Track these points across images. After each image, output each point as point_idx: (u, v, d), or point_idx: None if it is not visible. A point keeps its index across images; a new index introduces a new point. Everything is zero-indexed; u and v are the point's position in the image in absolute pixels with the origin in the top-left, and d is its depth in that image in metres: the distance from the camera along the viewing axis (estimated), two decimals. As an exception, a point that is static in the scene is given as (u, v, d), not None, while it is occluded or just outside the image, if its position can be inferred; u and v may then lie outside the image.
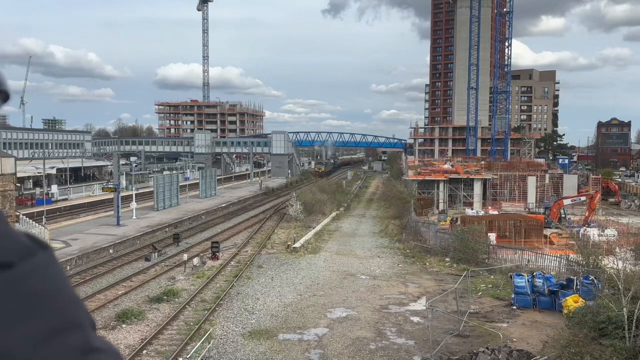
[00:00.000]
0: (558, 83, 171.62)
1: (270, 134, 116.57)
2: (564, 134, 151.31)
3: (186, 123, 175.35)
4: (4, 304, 0.52)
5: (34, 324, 0.53)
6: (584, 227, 44.81)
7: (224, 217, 53.75)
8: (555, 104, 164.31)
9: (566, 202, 53.54)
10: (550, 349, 17.96)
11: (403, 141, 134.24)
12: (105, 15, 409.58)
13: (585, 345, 16.36)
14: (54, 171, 75.09)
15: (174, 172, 79.44)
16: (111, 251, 35.69)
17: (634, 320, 16.27)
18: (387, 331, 22.33)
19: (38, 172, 65.22)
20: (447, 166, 77.87)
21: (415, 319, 23.90)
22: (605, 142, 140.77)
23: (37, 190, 59.88)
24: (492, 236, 38.11)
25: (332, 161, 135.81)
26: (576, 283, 24.54)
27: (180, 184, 61.52)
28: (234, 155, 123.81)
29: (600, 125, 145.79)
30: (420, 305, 25.72)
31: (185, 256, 33.46)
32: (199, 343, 20.07)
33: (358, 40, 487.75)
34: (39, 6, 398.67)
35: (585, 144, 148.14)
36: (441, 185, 63.40)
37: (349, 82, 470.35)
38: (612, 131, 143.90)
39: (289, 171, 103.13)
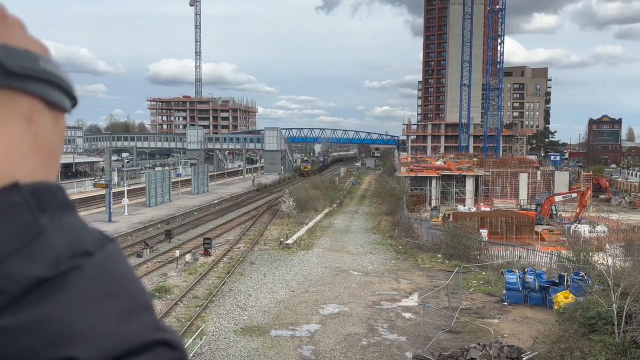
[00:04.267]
0: (550, 80, 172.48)
1: (263, 130, 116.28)
2: (555, 131, 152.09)
3: (178, 119, 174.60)
4: (92, 285, 0.58)
5: (115, 302, 0.59)
6: (575, 224, 45.10)
7: (217, 214, 53.61)
8: (547, 101, 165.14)
9: (557, 198, 53.90)
10: (541, 344, 18.09)
11: (396, 138, 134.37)
12: (97, 10, 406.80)
13: (575, 341, 16.48)
14: (45, 167, 74.41)
15: (166, 168, 79.16)
16: (103, 247, 35.49)
17: (623, 316, 16.40)
18: (379, 327, 22.40)
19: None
20: (439, 163, 78.11)
21: (407, 315, 23.98)
22: (597, 139, 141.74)
23: (28, 186, 59.35)
24: (484, 233, 38.32)
25: (321, 159, 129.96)
26: (567, 279, 24.72)
27: (173, 180, 61.27)
28: (227, 152, 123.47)
29: (591, 122, 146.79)
30: (412, 301, 25.80)
31: (177, 252, 33.37)
32: (191, 339, 20.04)
33: (351, 37, 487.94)
34: (30, 1, 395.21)
35: (577, 141, 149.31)
36: (433, 181, 63.60)
37: (342, 79, 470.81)
38: (603, 128, 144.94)
39: (282, 167, 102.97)
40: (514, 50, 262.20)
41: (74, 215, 0.64)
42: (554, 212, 52.22)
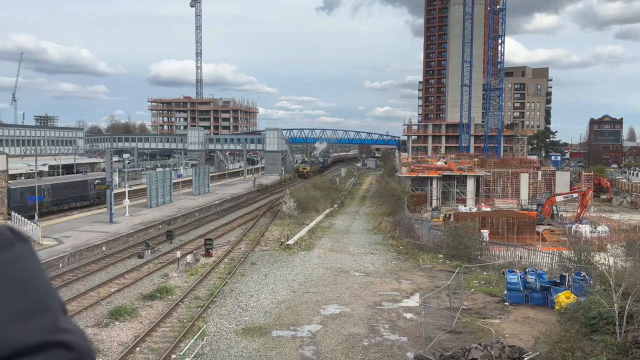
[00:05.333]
0: (551, 80, 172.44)
1: (263, 130, 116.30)
2: (556, 131, 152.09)
3: (179, 120, 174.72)
4: None
5: (10, 305, 0.61)
6: (576, 224, 45.05)
7: (218, 214, 53.65)
8: (548, 101, 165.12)
9: (558, 199, 53.82)
10: (542, 344, 18.08)
11: (396, 138, 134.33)
12: (98, 11, 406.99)
13: (577, 341, 16.47)
14: (46, 168, 74.74)
15: (167, 169, 79.18)
16: (104, 248, 35.56)
17: (625, 316, 16.39)
18: (380, 327, 22.39)
19: (30, 169, 64.86)
20: (440, 163, 78.07)
21: (409, 315, 23.98)
22: (598, 139, 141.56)
23: (29, 188, 59.39)
24: (485, 233, 38.29)
25: (320, 159, 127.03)
26: (568, 279, 24.70)
27: (173, 181, 61.36)
28: (228, 152, 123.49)
29: (592, 122, 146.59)
30: (414, 301, 25.80)
31: (178, 253, 33.38)
32: (192, 340, 20.05)
33: (352, 38, 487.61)
34: (31, 2, 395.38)
35: (578, 141, 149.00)
36: (434, 182, 63.54)
37: (343, 79, 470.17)
38: (604, 128, 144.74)
39: (283, 168, 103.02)
40: (515, 51, 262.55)
41: None
42: (555, 212, 52.16)
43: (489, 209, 54.34)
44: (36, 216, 41.75)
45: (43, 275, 0.68)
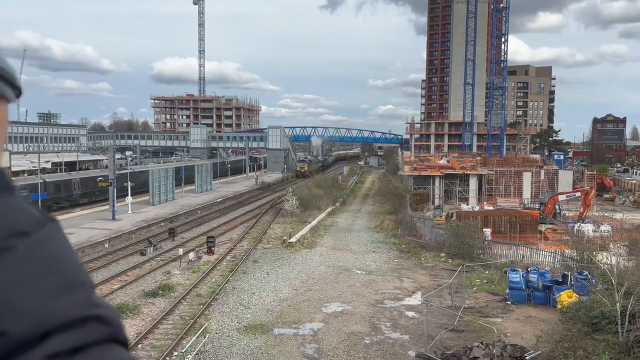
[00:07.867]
0: (554, 79, 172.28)
1: (266, 128, 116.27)
2: (559, 130, 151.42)
3: (182, 117, 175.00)
4: (24, 265, 0.63)
5: (48, 281, 0.64)
6: (579, 223, 44.97)
7: (220, 212, 53.71)
8: (551, 100, 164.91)
9: (561, 197, 53.70)
10: (544, 343, 18.08)
11: (399, 137, 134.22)
12: (101, 9, 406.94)
13: (579, 340, 16.46)
14: (49, 165, 74.88)
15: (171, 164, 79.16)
16: (106, 245, 35.64)
17: (627, 315, 16.38)
18: (382, 326, 22.40)
19: (33, 166, 65.05)
20: (442, 162, 78.01)
21: (410, 313, 23.98)
22: (601, 138, 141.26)
23: (32, 185, 59.62)
24: (487, 231, 38.25)
25: (319, 158, 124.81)
26: (570, 278, 24.68)
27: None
28: (230, 150, 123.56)
29: (595, 121, 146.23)
30: (415, 300, 25.81)
31: (180, 251, 33.43)
32: (194, 337, 20.10)
33: (355, 36, 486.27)
34: (35, 0, 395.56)
35: (581, 140, 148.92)
36: (437, 180, 63.47)
37: (345, 78, 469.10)
38: (607, 127, 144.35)
39: (285, 166, 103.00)
40: (518, 49, 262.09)
41: (12, 197, 0.67)
42: (558, 211, 52.07)
43: (491, 208, 54.26)
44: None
45: (73, 254, 0.71)
